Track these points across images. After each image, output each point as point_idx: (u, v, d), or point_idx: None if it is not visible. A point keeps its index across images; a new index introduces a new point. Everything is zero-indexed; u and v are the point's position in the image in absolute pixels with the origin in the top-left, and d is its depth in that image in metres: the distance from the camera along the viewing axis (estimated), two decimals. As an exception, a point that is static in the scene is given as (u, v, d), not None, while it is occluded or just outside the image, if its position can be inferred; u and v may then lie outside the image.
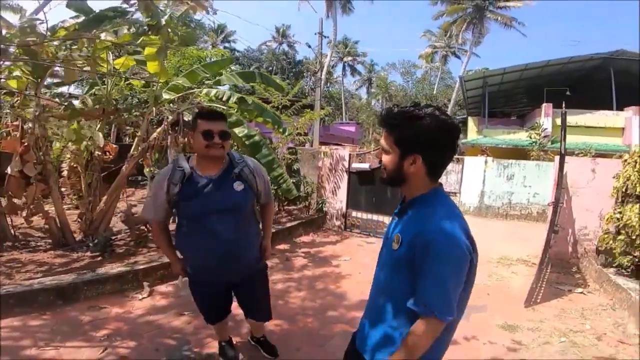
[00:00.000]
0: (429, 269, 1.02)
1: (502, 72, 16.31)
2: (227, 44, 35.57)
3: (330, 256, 4.94)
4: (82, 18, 4.01)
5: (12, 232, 4.53)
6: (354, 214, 6.87)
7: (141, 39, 4.10)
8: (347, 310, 3.26)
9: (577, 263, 4.90)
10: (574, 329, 3.06)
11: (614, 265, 4.10)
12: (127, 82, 5.45)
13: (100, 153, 5.14)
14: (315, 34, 17.35)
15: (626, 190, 3.95)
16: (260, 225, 2.12)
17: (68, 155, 5.68)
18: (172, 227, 1.97)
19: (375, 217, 6.54)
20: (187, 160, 1.84)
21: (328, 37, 23.78)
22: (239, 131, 5.41)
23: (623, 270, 3.96)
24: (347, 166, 6.84)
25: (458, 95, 23.39)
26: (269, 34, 37.29)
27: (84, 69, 4.03)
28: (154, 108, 5.29)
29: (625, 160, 4.15)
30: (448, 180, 11.97)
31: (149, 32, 4.24)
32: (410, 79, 37.08)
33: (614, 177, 4.30)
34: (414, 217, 1.13)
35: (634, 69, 13.80)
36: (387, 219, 6.51)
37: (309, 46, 25.85)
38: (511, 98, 20.43)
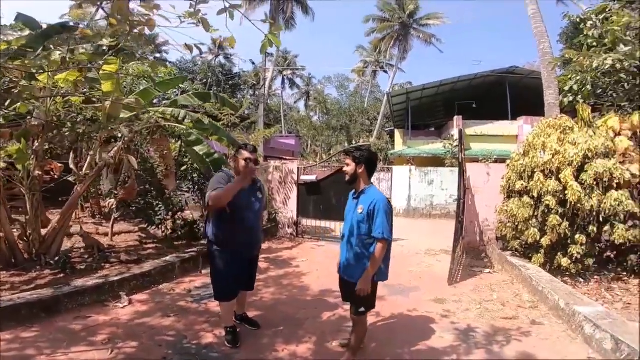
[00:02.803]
0: (378, 215, 2.37)
1: (422, 87, 18.25)
2: (158, 55, 33.81)
3: (288, 259, 5.60)
4: (27, 32, 3.96)
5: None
6: (304, 221, 7.60)
7: (104, 59, 4.23)
8: (314, 298, 3.99)
9: (484, 249, 6.23)
10: (485, 299, 4.08)
11: (509, 248, 5.30)
12: (64, 99, 5.36)
13: (40, 173, 5.00)
14: (265, 55, 17.88)
15: (509, 187, 5.19)
16: None
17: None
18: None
19: (323, 223, 7.35)
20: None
21: (272, 53, 24.29)
22: (199, 149, 5.73)
23: (516, 252, 5.14)
24: (296, 179, 7.56)
25: (386, 109, 25.45)
26: (206, 46, 36.41)
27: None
28: (109, 127, 5.32)
29: (508, 164, 5.49)
30: (380, 187, 13.35)
31: (108, 52, 4.40)
32: (344, 93, 39.32)
33: (502, 178, 5.52)
34: (365, 197, 2.50)
35: (524, 83, 16.47)
36: (333, 225, 7.40)
37: (253, 63, 25.99)
38: (430, 111, 22.68)
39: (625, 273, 4.42)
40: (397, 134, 20.61)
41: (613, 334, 2.72)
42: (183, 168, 6.83)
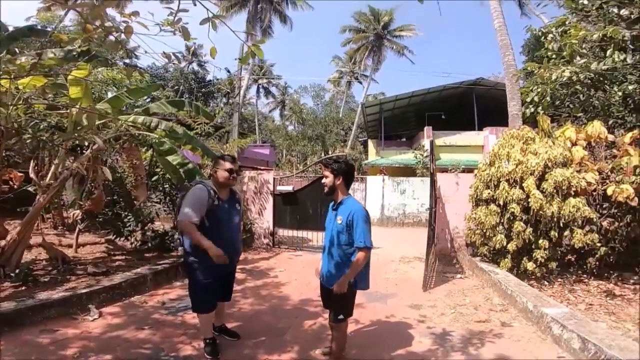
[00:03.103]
0: (358, 225, 2.41)
1: (395, 98, 18.73)
2: (127, 60, 32.57)
3: (266, 269, 5.54)
4: None
5: None
6: (280, 232, 7.56)
7: (75, 64, 4.06)
8: (294, 307, 3.97)
9: (455, 256, 6.46)
10: (459, 304, 4.23)
11: (478, 254, 5.53)
12: (27, 104, 5.12)
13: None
14: (236, 59, 17.72)
15: (477, 196, 5.44)
16: None
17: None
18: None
19: (300, 233, 7.34)
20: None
21: (248, 62, 23.77)
22: (172, 159, 5.60)
23: (485, 258, 5.38)
24: (272, 189, 7.53)
25: (360, 119, 25.86)
26: (180, 53, 35.50)
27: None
28: (75, 135, 5.09)
29: (475, 174, 5.78)
30: (355, 197, 13.29)
31: (79, 58, 4.23)
32: (320, 102, 39.64)
33: (470, 187, 5.78)
34: (344, 207, 2.54)
35: (490, 94, 16.98)
36: (310, 234, 7.40)
37: (228, 71, 25.43)
38: (402, 122, 23.27)
39: (585, 275, 4.74)
40: (371, 144, 21.05)
41: (579, 333, 2.89)
42: (154, 178, 6.62)
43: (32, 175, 5.30)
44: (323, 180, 2.62)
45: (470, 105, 18.07)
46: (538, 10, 11.77)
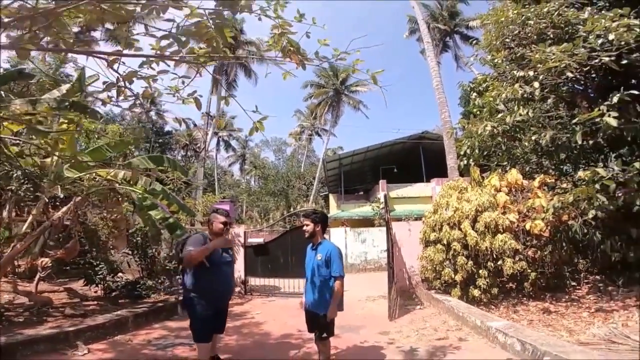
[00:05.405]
0: (334, 261, 3.13)
1: (352, 153, 20.01)
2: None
3: (242, 312, 5.82)
4: None
5: None
6: (252, 281, 7.88)
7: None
8: (277, 341, 4.37)
9: (414, 291, 7.19)
10: (421, 328, 4.89)
11: (432, 287, 6.34)
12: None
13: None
14: (203, 113, 18.08)
15: (426, 239, 6.44)
16: None
17: None
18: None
19: (270, 281, 7.75)
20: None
21: (214, 115, 23.66)
22: (154, 214, 5.91)
23: (439, 290, 6.17)
24: (242, 241, 8.04)
25: (321, 174, 26.67)
26: (137, 102, 35.01)
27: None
28: (58, 186, 5.23)
29: (423, 220, 6.79)
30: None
31: (71, 108, 4.52)
32: (281, 157, 39.87)
33: (420, 232, 6.81)
34: (322, 247, 3.22)
35: (436, 146, 17.61)
36: (280, 283, 7.78)
37: (195, 125, 25.21)
38: (360, 176, 24.47)
39: (525, 298, 5.56)
40: (332, 198, 22.05)
41: (518, 337, 3.62)
42: (130, 231, 6.80)
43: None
44: (304, 228, 3.31)
45: (419, 158, 19.40)
46: (466, 68, 13.76)
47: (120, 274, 6.46)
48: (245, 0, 2.42)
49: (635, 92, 4.56)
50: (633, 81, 5.31)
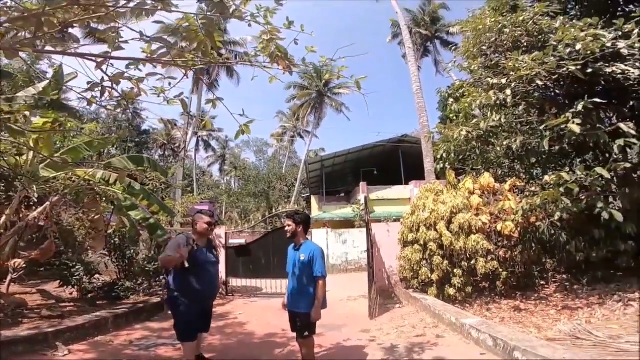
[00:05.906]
0: (317, 261, 3.19)
1: (334, 155, 20.26)
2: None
3: (225, 313, 5.82)
4: None
5: None
6: (233, 282, 7.86)
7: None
8: (261, 341, 4.43)
9: (393, 290, 7.39)
10: (400, 325, 5.05)
11: (410, 286, 6.54)
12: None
13: None
14: (182, 114, 17.78)
15: (404, 239, 6.63)
16: None
17: None
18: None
19: (252, 282, 7.76)
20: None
21: (195, 115, 23.17)
22: (135, 214, 5.85)
23: (416, 289, 6.37)
24: (224, 242, 8.02)
25: (303, 175, 26.63)
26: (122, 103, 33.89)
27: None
28: (34, 185, 5.09)
29: (401, 222, 7.00)
30: (301, 247, 14.14)
31: (49, 107, 4.40)
32: (262, 158, 39.23)
33: (398, 233, 6.98)
34: (305, 247, 3.28)
35: (415, 149, 17.97)
36: (262, 283, 7.80)
37: (175, 125, 24.65)
38: (341, 178, 24.61)
39: (497, 297, 5.82)
40: (313, 199, 22.16)
41: (490, 334, 3.84)
42: (109, 231, 6.66)
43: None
44: (286, 228, 3.35)
45: (399, 161, 19.87)
46: (445, 73, 14.19)
47: (97, 276, 6.32)
48: (235, 7, 2.49)
49: (598, 100, 4.80)
50: (598, 89, 5.58)
